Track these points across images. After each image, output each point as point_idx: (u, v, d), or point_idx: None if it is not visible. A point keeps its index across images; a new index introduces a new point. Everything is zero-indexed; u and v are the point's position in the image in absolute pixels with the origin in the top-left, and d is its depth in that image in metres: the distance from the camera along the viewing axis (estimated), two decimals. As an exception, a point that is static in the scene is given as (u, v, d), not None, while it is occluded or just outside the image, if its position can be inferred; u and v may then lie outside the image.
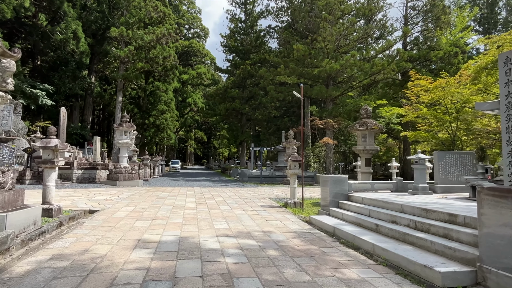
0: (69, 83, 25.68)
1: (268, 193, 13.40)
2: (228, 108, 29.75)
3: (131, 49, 24.23)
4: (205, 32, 56.05)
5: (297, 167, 9.74)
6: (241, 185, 17.83)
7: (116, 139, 16.02)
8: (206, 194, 12.26)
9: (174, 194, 11.73)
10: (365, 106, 10.91)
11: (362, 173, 10.56)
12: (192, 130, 73.26)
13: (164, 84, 32.63)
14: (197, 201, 9.89)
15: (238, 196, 11.67)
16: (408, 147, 28.90)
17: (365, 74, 22.69)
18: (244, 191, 14.04)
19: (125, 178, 15.57)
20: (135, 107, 33.21)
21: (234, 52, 33.97)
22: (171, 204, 9.13)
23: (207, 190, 13.86)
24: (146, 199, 10.02)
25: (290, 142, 19.17)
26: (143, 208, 8.14)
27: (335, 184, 7.63)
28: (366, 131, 10.37)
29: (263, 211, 8.43)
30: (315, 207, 9.80)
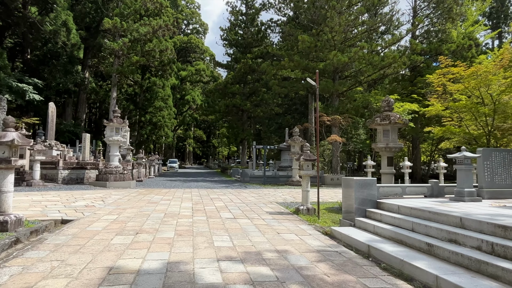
0: (60, 78, 24.26)
1: (273, 196, 12.04)
2: (228, 105, 28.35)
3: (126, 41, 22.81)
4: (204, 28, 54.62)
5: (310, 167, 8.37)
6: (243, 187, 16.46)
7: (106, 136, 14.63)
8: (204, 197, 10.88)
9: (168, 198, 10.35)
10: (387, 97, 9.56)
11: (384, 174, 9.21)
12: (191, 129, 71.83)
13: (161, 79, 31.21)
14: (194, 207, 8.51)
15: (241, 200, 10.30)
16: (418, 145, 27.57)
17: (374, 67, 21.31)
18: (247, 193, 12.67)
19: (115, 179, 14.18)
20: (131, 104, 31.80)
21: (234, 46, 32.53)
22: (163, 211, 7.75)
23: (206, 193, 12.48)
24: (135, 204, 8.63)
25: (295, 140, 17.80)
26: (128, 217, 6.76)
27: (362, 189, 6.26)
28: (388, 125, 9.03)
29: (272, 220, 7.06)
30: (331, 214, 8.45)
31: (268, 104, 29.17)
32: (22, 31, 23.27)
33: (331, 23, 19.22)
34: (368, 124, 9.74)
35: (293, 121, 31.48)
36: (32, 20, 22.64)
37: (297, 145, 17.93)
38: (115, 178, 14.19)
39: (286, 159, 22.65)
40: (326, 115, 19.90)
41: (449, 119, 11.35)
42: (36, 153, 12.23)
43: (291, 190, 14.71)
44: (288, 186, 17.35)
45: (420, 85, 23.93)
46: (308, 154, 8.39)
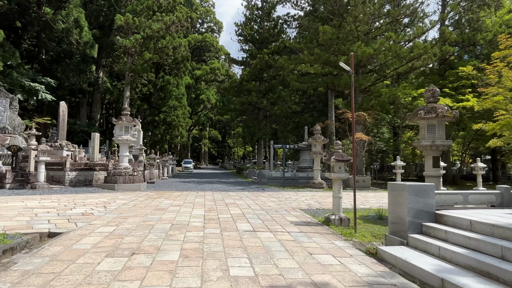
0: (73, 77, 23.82)
1: (295, 200, 10.77)
2: (244, 102, 27.20)
3: (138, 37, 22.08)
4: (219, 26, 53.82)
5: (342, 169, 7.06)
6: (260, 189, 15.25)
7: (115, 136, 13.77)
8: (219, 202, 9.74)
9: (179, 203, 9.26)
10: (432, 87, 8.12)
11: (429, 177, 7.80)
12: (206, 129, 71.31)
13: (175, 78, 30.45)
14: (206, 215, 7.37)
15: (260, 206, 9.08)
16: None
17: (401, 60, 19.64)
18: (265, 197, 11.45)
19: (124, 181, 13.28)
20: (145, 103, 31.21)
21: (250, 41, 31.37)
22: (171, 220, 6.64)
23: (221, 197, 11.34)
24: (140, 212, 7.58)
25: (317, 138, 16.44)
26: (127, 229, 5.67)
27: (416, 196, 4.92)
28: (434, 119, 7.61)
29: (300, 234, 5.81)
30: (367, 224, 7.12)
31: (286, 101, 27.84)
32: (36, 30, 22.93)
33: (355, 12, 17.75)
34: (408, 118, 8.31)
35: (311, 120, 30.04)
36: (45, 19, 22.25)
37: (318, 144, 16.57)
38: (124, 180, 13.29)
39: (305, 159, 21.29)
40: (349, 111, 18.39)
41: (504, 112, 9.72)
42: (41, 153, 11.45)
43: (314, 193, 13.39)
44: (309, 188, 16.02)
45: (451, 78, 22.01)
46: (340, 153, 7.08)
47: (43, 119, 20.57)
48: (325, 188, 16.12)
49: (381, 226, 6.90)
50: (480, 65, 21.21)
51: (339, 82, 20.28)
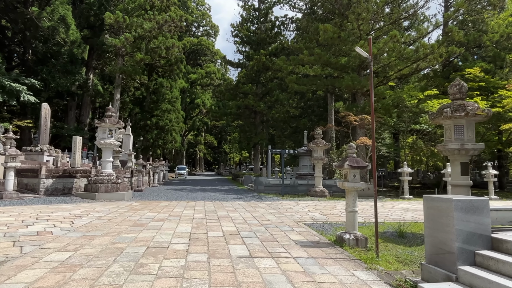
0: (59, 78, 22.51)
1: (297, 212, 9.51)
2: (240, 106, 26.00)
3: (128, 37, 20.90)
4: (215, 30, 52.93)
5: (358, 177, 5.85)
6: (257, 198, 13.98)
7: (97, 139, 12.48)
8: (210, 215, 8.45)
9: (163, 217, 7.97)
10: (458, 81, 7.01)
11: (457, 186, 6.63)
12: (201, 134, 70.02)
13: (169, 80, 29.24)
14: (193, 233, 6.09)
15: (258, 220, 7.82)
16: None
17: (405, 61, 18.65)
18: (263, 208, 10.19)
19: (107, 189, 11.95)
20: (136, 107, 29.91)
21: (246, 43, 30.32)
22: (147, 241, 5.36)
23: (213, 208, 10.06)
24: (113, 229, 6.28)
25: (318, 143, 15.26)
26: (86, 257, 4.38)
27: (466, 215, 3.70)
28: (463, 119, 6.47)
29: (309, 261, 4.55)
30: (387, 244, 5.90)
31: (283, 105, 26.70)
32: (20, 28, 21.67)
33: (358, 9, 16.75)
34: (430, 118, 7.16)
35: (310, 124, 28.92)
36: (30, 16, 21.00)
37: (320, 149, 15.39)
38: (106, 189, 11.95)
39: (305, 166, 20.07)
40: (352, 114, 17.32)
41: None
42: (9, 158, 10.11)
43: (316, 203, 12.15)
44: (310, 197, 14.78)
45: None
46: (355, 159, 5.87)
47: (24, 122, 19.18)
48: (327, 197, 14.90)
49: (405, 247, 5.68)
50: (487, 67, 20.36)
51: (340, 84, 19.20)
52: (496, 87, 19.36)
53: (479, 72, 19.52)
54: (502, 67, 21.08)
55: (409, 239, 6.30)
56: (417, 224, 7.84)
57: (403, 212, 10.04)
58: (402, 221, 8.35)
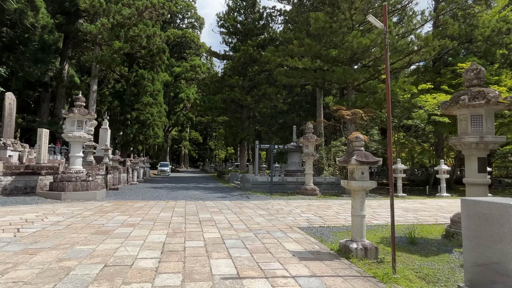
0: (29, 67, 20.67)
1: (289, 213, 8.54)
2: (226, 99, 24.78)
3: (105, 22, 19.33)
4: (200, 22, 51.28)
5: (366, 175, 4.90)
6: (244, 197, 12.95)
7: (64, 131, 11.13)
8: (190, 218, 7.36)
9: (135, 221, 6.82)
10: (474, 65, 6.17)
11: (472, 185, 5.80)
12: (186, 130, 68.29)
13: (150, 72, 27.68)
14: (167, 243, 5.00)
15: (245, 224, 6.79)
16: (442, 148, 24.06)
17: (398, 54, 17.99)
18: (251, 209, 9.16)
19: (75, 188, 10.63)
20: (115, 100, 28.20)
21: (233, 33, 29.01)
22: (106, 256, 4.23)
23: (195, 209, 8.96)
24: (67, 238, 5.11)
25: (309, 138, 14.35)
26: (13, 283, 3.23)
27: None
28: (482, 108, 5.63)
29: (313, 281, 3.56)
30: (400, 253, 4.98)
31: (271, 99, 25.69)
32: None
33: (351, -3, 15.87)
34: (442, 108, 6.30)
35: (298, 120, 28.09)
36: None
37: (311, 144, 14.49)
38: (74, 187, 10.63)
39: (294, 162, 19.18)
40: (344, 108, 16.51)
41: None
42: (-44, 153, 8.66)
43: (308, 202, 11.22)
44: (301, 196, 13.87)
45: (448, 76, 20.64)
46: (363, 153, 4.92)
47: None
48: (318, 195, 14.03)
49: (422, 258, 4.79)
50: (479, 62, 19.98)
51: (331, 77, 18.35)
52: (488, 82, 19.00)
53: (471, 67, 19.12)
54: (492, 62, 20.79)
55: (422, 246, 5.42)
56: (424, 227, 7.01)
57: (403, 212, 9.24)
58: (406, 223, 7.52)
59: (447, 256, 4.87)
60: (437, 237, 6.08)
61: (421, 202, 12.27)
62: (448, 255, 4.93)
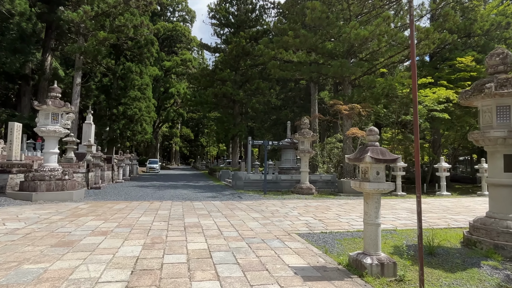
0: (6, 57, 19.34)
1: (285, 215, 7.72)
2: (217, 94, 23.73)
3: (87, 10, 18.11)
4: (192, 15, 49.95)
5: (382, 175, 4.08)
6: (236, 196, 12.10)
7: (38, 125, 10.08)
8: (174, 223, 6.47)
9: (108, 227, 5.90)
10: (499, 48, 5.45)
11: (497, 187, 5.04)
12: (177, 126, 66.94)
13: (138, 65, 26.46)
14: (141, 259, 4.11)
15: (237, 230, 5.94)
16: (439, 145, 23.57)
17: (397, 47, 17.30)
18: (243, 211, 8.32)
19: (49, 188, 9.62)
20: (101, 94, 26.92)
21: (225, 25, 27.89)
22: (58, 279, 3.34)
23: (181, 211, 8.06)
24: (18, 252, 4.18)
25: (305, 133, 13.55)
26: None
27: None
28: (510, 97, 4.90)
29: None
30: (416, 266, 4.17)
31: (264, 94, 24.78)
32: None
33: (350, -15, 15.05)
34: (461, 98, 5.54)
35: (292, 116, 27.30)
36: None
37: (307, 140, 13.69)
38: (48, 187, 9.62)
39: (288, 159, 18.38)
40: (342, 102, 15.75)
41: None
42: None
43: (305, 203, 10.43)
44: (296, 195, 13.07)
45: (447, 70, 20.08)
46: (380, 149, 4.10)
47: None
48: (314, 195, 13.26)
49: (447, 274, 4.01)
50: (478, 57, 19.46)
51: (328, 71, 17.55)
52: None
53: (470, 62, 18.58)
54: (491, 57, 20.26)
55: (443, 258, 4.65)
56: (436, 232, 6.24)
57: (409, 214, 8.51)
58: (415, 226, 6.78)
59: (476, 271, 4.11)
60: (456, 245, 5.32)
61: (423, 201, 11.60)
62: (477, 270, 4.16)
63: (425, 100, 16.35)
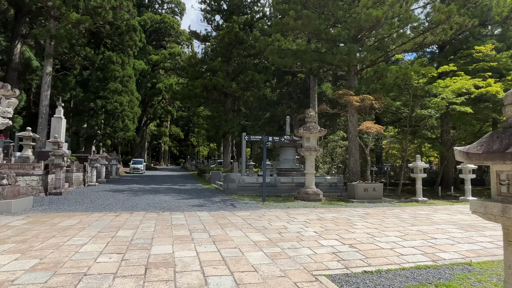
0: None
1: (299, 238, 5.47)
2: (207, 85, 21.24)
3: (55, -16, 15.53)
4: (181, 8, 47.39)
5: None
6: (229, 205, 9.80)
7: (-34, 114, 7.60)
8: (134, 256, 4.14)
9: (17, 269, 3.53)
10: None
11: None
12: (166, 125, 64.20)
13: (120, 55, 23.88)
14: None
15: (232, 273, 3.64)
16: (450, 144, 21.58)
17: (412, 32, 15.29)
18: (239, 230, 6.03)
19: (-23, 197, 7.15)
20: (77, 86, 24.22)
21: (217, 11, 25.43)
22: None
23: (151, 231, 5.73)
24: None
25: (311, 128, 11.34)
26: None
27: None
28: None
29: None
30: None
31: (259, 87, 22.49)
32: None
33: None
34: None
35: (289, 112, 25.13)
36: None
37: (313, 136, 11.49)
38: (-24, 195, 7.15)
39: (287, 159, 16.18)
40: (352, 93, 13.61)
41: None
42: None
43: (317, 214, 8.20)
44: (301, 202, 10.84)
45: (461, 61, 18.15)
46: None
47: None
48: (322, 201, 11.05)
49: None
50: (498, 45, 17.63)
51: (332, 59, 15.40)
52: (508, 69, 16.66)
53: (490, 50, 16.71)
54: (510, 47, 18.47)
55: None
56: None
57: (462, 232, 6.34)
58: (492, 256, 4.63)
59: None
60: None
61: (457, 210, 9.51)
62: None
63: (445, 91, 14.33)
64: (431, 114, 14.82)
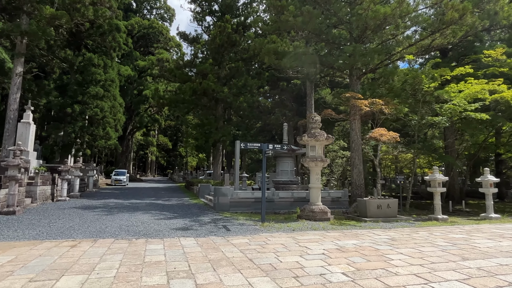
0: None
1: (324, 284, 3.75)
2: (197, 90, 19.50)
3: (25, -27, 13.80)
4: (171, 14, 46.03)
5: None
6: (220, 227, 8.03)
7: None
8: None
9: None
10: None
11: None
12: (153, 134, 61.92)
13: (102, 57, 22.05)
14: None
15: None
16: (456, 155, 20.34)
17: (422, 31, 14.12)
18: (238, 273, 4.28)
19: None
20: (54, 90, 22.17)
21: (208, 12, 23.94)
22: None
23: (110, 276, 3.92)
24: None
25: (317, 135, 9.76)
26: None
27: None
28: None
29: None
30: None
31: (253, 93, 20.96)
32: None
33: None
34: None
35: (283, 120, 23.61)
36: None
37: (319, 144, 9.91)
38: None
39: (285, 171, 14.55)
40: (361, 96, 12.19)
41: None
42: None
43: (333, 241, 6.53)
44: (307, 222, 9.15)
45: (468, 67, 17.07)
46: None
47: None
48: (331, 221, 9.39)
49: None
50: (508, 50, 16.67)
51: (335, 61, 14.05)
52: (515, 76, 15.66)
53: (500, 55, 15.69)
54: (518, 53, 17.55)
55: None
56: None
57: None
58: None
59: None
60: None
61: (493, 233, 7.99)
62: None
63: (458, 96, 13.07)
64: (443, 122, 13.51)
